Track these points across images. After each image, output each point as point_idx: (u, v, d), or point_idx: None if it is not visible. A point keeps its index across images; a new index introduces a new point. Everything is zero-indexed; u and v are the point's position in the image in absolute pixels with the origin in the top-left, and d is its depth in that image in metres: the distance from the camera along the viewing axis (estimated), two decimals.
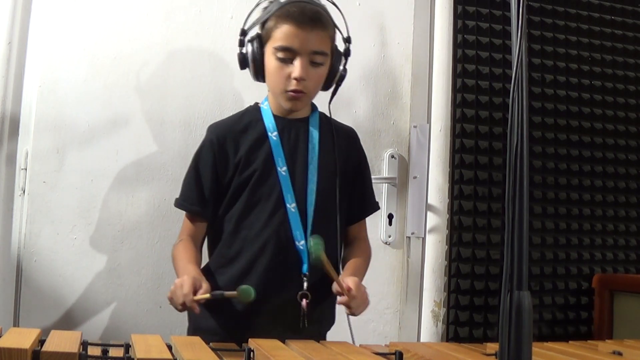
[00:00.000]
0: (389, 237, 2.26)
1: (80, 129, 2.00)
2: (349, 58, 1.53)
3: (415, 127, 2.31)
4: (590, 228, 2.49)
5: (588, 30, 2.52)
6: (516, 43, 0.85)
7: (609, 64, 2.55)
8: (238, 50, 1.49)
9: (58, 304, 1.95)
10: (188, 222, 1.53)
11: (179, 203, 1.52)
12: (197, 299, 1.30)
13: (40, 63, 1.98)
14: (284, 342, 1.17)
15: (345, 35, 1.53)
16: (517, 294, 0.82)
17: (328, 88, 1.54)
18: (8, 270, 1.94)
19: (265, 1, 1.49)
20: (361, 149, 1.63)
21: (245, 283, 1.44)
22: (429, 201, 2.30)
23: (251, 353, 1.03)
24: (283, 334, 1.24)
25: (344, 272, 1.49)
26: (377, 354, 1.12)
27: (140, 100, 2.05)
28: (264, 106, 1.53)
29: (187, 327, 1.54)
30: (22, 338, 0.92)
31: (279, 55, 1.43)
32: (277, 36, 1.43)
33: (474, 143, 2.34)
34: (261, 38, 1.47)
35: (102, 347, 1.03)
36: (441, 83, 2.32)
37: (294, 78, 1.42)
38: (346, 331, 1.46)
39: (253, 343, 1.11)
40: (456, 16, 2.35)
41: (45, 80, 1.98)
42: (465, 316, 2.28)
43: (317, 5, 1.46)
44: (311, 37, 1.42)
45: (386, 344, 1.32)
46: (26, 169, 1.96)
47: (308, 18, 1.41)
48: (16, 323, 1.91)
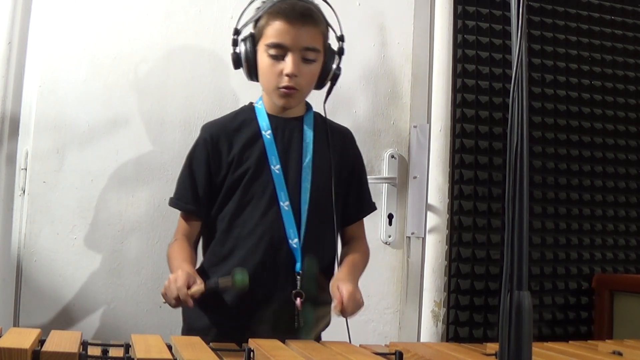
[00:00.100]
0: (389, 237, 2.26)
1: (80, 129, 2.00)
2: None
3: (415, 127, 2.31)
4: (590, 228, 2.49)
5: (588, 30, 2.52)
6: (516, 43, 0.85)
7: (609, 64, 2.55)
8: (231, 49, 1.50)
9: (58, 304, 1.95)
10: (182, 222, 1.52)
11: (174, 202, 1.52)
12: (192, 293, 1.29)
13: (40, 63, 1.99)
14: (284, 342, 1.17)
15: (338, 33, 1.52)
16: (517, 294, 0.82)
17: (322, 86, 1.53)
18: (8, 270, 1.94)
19: (257, 0, 1.50)
20: (357, 149, 1.62)
21: None
22: (429, 201, 2.30)
23: (251, 353, 1.03)
24: (278, 333, 1.23)
25: (341, 269, 1.48)
26: (377, 354, 1.11)
27: (140, 100, 2.05)
28: (258, 105, 1.53)
29: (182, 328, 1.53)
30: (22, 338, 0.92)
31: (271, 52, 1.43)
32: (269, 33, 1.43)
33: (474, 143, 2.34)
34: (254, 37, 1.47)
35: (102, 347, 1.03)
36: (441, 83, 2.32)
37: (286, 74, 1.42)
38: (345, 331, 1.46)
39: (253, 343, 1.11)
40: (456, 16, 2.35)
41: (45, 80, 1.98)
42: (465, 316, 2.28)
43: (309, 2, 1.46)
44: (302, 33, 1.42)
45: (386, 344, 1.32)
46: (26, 169, 1.96)
47: (299, 14, 1.41)
48: (16, 323, 1.91)
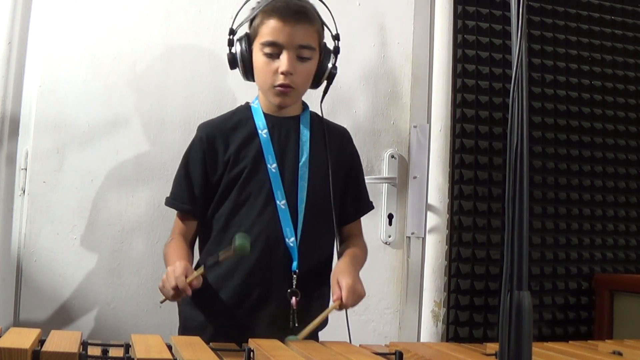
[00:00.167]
0: (389, 237, 2.26)
1: (80, 129, 2.00)
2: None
3: (415, 127, 2.30)
4: (590, 228, 2.49)
5: (588, 30, 2.52)
6: (516, 43, 0.85)
7: (609, 64, 2.55)
8: (227, 50, 1.50)
9: (58, 304, 1.95)
10: (179, 221, 1.52)
11: (170, 202, 1.52)
12: (191, 279, 1.29)
13: (40, 63, 1.99)
14: (284, 342, 1.17)
15: (334, 32, 1.53)
16: (517, 294, 0.82)
17: (318, 85, 1.53)
18: (8, 270, 1.94)
19: (252, 0, 1.50)
20: (354, 149, 1.62)
21: (233, 281, 1.44)
22: (429, 201, 2.30)
23: (251, 353, 1.03)
24: (273, 332, 1.23)
25: (341, 260, 1.47)
26: (377, 354, 1.11)
27: (140, 100, 2.05)
28: (255, 105, 1.53)
29: (178, 327, 1.52)
30: (22, 338, 0.92)
31: (266, 50, 1.43)
32: (264, 32, 1.43)
33: (474, 143, 2.34)
34: (249, 36, 1.47)
35: (102, 347, 1.03)
36: (441, 83, 2.32)
37: (281, 72, 1.42)
38: (345, 331, 1.46)
39: (253, 343, 1.11)
40: (456, 16, 2.35)
41: (45, 80, 1.98)
42: (465, 316, 2.28)
43: (303, 0, 1.47)
44: (297, 31, 1.42)
45: (386, 344, 1.32)
46: (26, 169, 1.96)
47: (293, 12, 1.42)
48: (16, 323, 1.91)
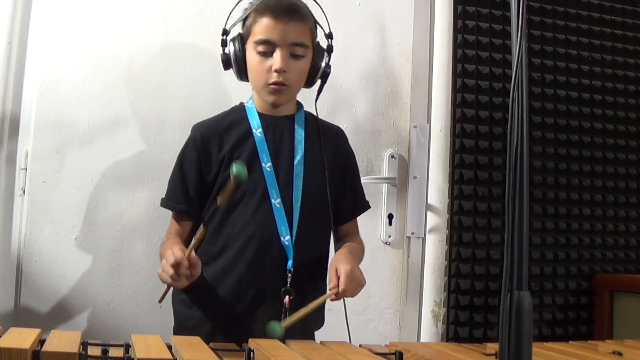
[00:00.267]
0: (389, 237, 2.26)
1: (80, 129, 2.00)
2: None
3: (415, 127, 2.30)
4: (590, 228, 2.49)
5: (588, 30, 2.52)
6: (516, 43, 0.85)
7: (609, 64, 2.55)
8: (221, 50, 1.50)
9: (58, 304, 1.95)
10: (174, 222, 1.52)
11: (165, 202, 1.52)
12: (192, 245, 1.28)
13: (40, 63, 1.99)
14: (284, 342, 1.17)
15: (327, 31, 1.53)
16: (517, 294, 0.82)
17: (312, 84, 1.53)
18: (8, 270, 1.94)
19: (245, 1, 1.50)
20: (349, 148, 1.62)
21: (228, 279, 1.44)
22: (429, 201, 2.30)
23: (251, 353, 1.03)
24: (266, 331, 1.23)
25: (339, 251, 1.47)
26: (377, 354, 1.12)
27: (140, 100, 2.05)
28: (249, 104, 1.53)
29: (173, 327, 1.51)
30: (22, 338, 0.92)
31: (259, 49, 1.43)
32: (256, 30, 1.43)
33: (474, 143, 2.34)
34: (242, 36, 1.48)
35: (102, 347, 1.03)
36: (441, 83, 2.32)
37: (275, 70, 1.42)
38: (345, 331, 1.46)
39: (253, 343, 1.11)
40: (456, 16, 2.35)
41: (45, 80, 1.98)
42: (465, 316, 2.28)
43: None
44: (289, 29, 1.42)
45: (386, 344, 1.31)
46: (26, 169, 1.96)
47: (285, 9, 1.42)
48: (16, 323, 1.91)
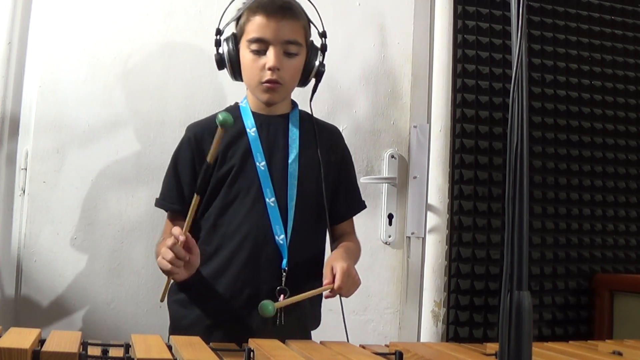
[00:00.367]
0: (389, 237, 2.26)
1: (80, 129, 2.00)
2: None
3: (415, 127, 2.31)
4: (590, 228, 2.49)
5: (588, 30, 2.52)
6: (516, 43, 0.85)
7: (609, 64, 2.55)
8: (215, 50, 1.50)
9: (58, 304, 1.95)
10: (169, 222, 1.52)
11: (159, 203, 1.52)
12: (189, 217, 1.28)
13: (40, 63, 1.99)
14: (284, 342, 1.17)
15: (320, 30, 1.53)
16: (517, 294, 0.82)
17: (306, 83, 1.53)
18: (8, 270, 1.94)
19: (238, 1, 1.51)
20: (345, 147, 1.62)
21: (223, 278, 1.43)
22: (429, 201, 2.30)
23: (251, 353, 1.03)
24: (261, 330, 1.23)
25: (334, 251, 1.46)
26: (377, 354, 1.12)
27: (140, 100, 2.05)
28: (243, 104, 1.53)
29: (168, 327, 1.50)
30: (22, 338, 0.92)
31: (253, 47, 1.43)
32: (249, 29, 1.43)
33: (474, 143, 2.34)
34: (235, 36, 1.48)
35: (102, 347, 1.03)
36: (441, 83, 2.32)
37: (268, 68, 1.42)
38: (344, 330, 1.46)
39: (253, 343, 1.11)
40: (456, 16, 2.35)
41: (45, 80, 1.98)
42: (465, 316, 2.28)
43: None
44: (282, 27, 1.42)
45: (386, 344, 1.31)
46: (26, 169, 1.96)
47: (278, 7, 1.42)
48: (16, 323, 1.91)
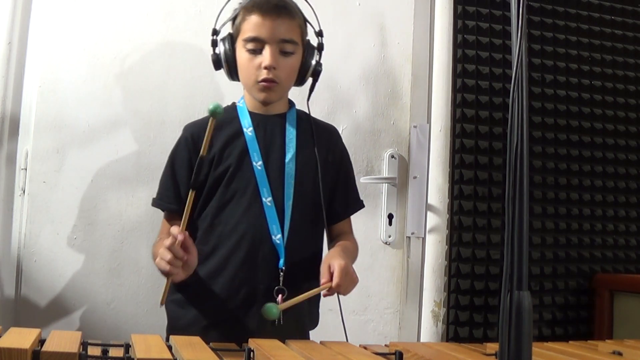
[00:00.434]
0: (389, 237, 2.26)
1: (80, 129, 2.00)
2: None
3: (415, 127, 2.31)
4: (590, 228, 2.49)
5: (588, 30, 2.52)
6: (516, 43, 0.85)
7: (609, 64, 2.55)
8: (211, 51, 1.49)
9: (58, 304, 1.95)
10: (165, 222, 1.52)
11: (156, 202, 1.52)
12: (186, 213, 1.27)
13: (40, 63, 1.99)
14: (284, 342, 1.17)
15: (317, 29, 1.53)
16: (517, 294, 0.82)
17: (303, 82, 1.53)
18: (8, 270, 1.94)
19: (234, 1, 1.51)
20: (343, 146, 1.61)
21: (220, 278, 1.43)
22: (429, 201, 2.30)
23: (251, 353, 1.03)
24: (260, 330, 1.22)
25: (331, 250, 1.46)
26: (377, 354, 1.12)
27: (140, 100, 2.05)
28: (240, 104, 1.53)
29: (166, 327, 1.50)
30: (22, 338, 0.92)
31: (249, 46, 1.43)
32: (245, 28, 1.43)
33: (474, 143, 2.34)
34: (232, 36, 1.48)
35: (102, 347, 1.03)
36: (441, 83, 2.32)
37: (264, 67, 1.42)
38: (344, 331, 1.46)
39: (253, 343, 1.11)
40: (456, 16, 2.35)
41: (45, 80, 1.98)
42: (465, 316, 2.28)
43: None
44: (278, 25, 1.42)
45: (386, 344, 1.31)
46: (26, 169, 1.96)
47: (273, 6, 1.42)
48: (16, 323, 1.91)
